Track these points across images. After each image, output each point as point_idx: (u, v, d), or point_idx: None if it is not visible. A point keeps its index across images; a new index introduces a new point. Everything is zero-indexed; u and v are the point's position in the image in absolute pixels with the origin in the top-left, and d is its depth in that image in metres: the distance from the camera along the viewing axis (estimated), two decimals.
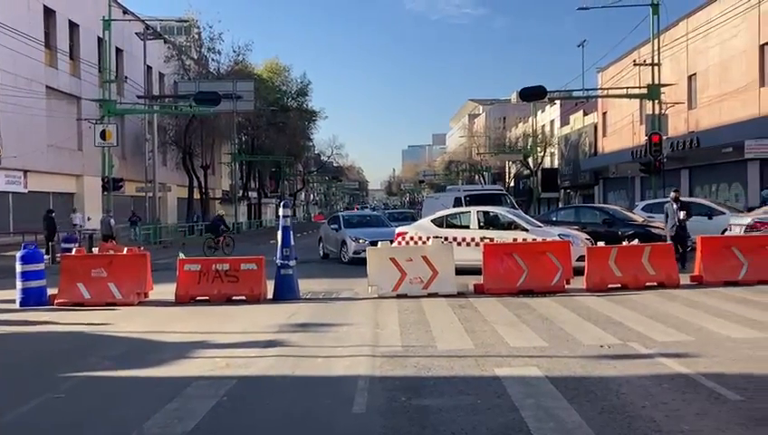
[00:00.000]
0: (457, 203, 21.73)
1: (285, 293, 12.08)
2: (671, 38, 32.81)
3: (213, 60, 49.31)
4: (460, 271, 12.90)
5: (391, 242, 14.97)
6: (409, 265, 12.10)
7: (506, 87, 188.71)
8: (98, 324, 10.03)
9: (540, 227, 15.88)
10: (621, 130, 41.65)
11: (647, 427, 4.87)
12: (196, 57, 48.16)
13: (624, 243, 13.47)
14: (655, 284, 12.19)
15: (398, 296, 11.85)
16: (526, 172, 60.58)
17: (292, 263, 12.20)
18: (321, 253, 22.36)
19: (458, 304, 10.91)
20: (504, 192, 27.32)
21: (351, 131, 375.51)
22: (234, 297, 11.99)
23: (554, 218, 20.53)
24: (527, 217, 17.91)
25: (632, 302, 10.73)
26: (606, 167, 43.61)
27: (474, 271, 13.01)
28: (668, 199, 16.05)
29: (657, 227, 16.62)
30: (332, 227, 21.80)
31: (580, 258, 13.03)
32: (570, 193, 55.48)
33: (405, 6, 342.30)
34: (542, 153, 58.48)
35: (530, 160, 58.14)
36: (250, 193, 66.32)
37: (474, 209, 16.47)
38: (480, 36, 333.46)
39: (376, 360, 7.22)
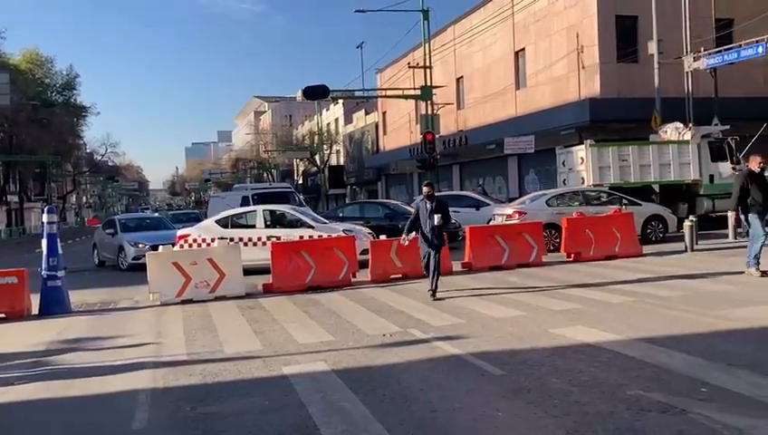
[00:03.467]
0: (245, 202, 21.37)
1: (53, 307, 11.03)
2: (441, 43, 35.39)
3: None
4: (249, 271, 12.76)
5: (173, 245, 14.38)
6: (194, 268, 11.69)
7: (292, 84, 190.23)
8: None
9: (326, 223, 16.27)
10: (400, 129, 44.05)
11: (424, 408, 5.22)
12: None
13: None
14: None
15: (183, 302, 11.40)
16: (314, 169, 61.58)
17: (60, 273, 11.19)
18: (97, 260, 20.75)
19: (247, 306, 10.78)
20: (292, 190, 27.44)
21: (129, 129, 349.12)
22: None
23: (341, 214, 21.14)
24: (313, 214, 18.23)
25: (412, 290, 11.42)
26: (387, 164, 45.79)
27: (263, 270, 12.95)
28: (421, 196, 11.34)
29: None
30: (108, 231, 20.27)
31: (365, 252, 13.60)
32: (356, 189, 57.47)
33: None
34: (328, 151, 59.88)
35: (317, 158, 59.19)
36: (9, 197, 59.42)
37: (260, 208, 16.34)
38: (261, 33, 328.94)
39: (158, 371, 6.87)
